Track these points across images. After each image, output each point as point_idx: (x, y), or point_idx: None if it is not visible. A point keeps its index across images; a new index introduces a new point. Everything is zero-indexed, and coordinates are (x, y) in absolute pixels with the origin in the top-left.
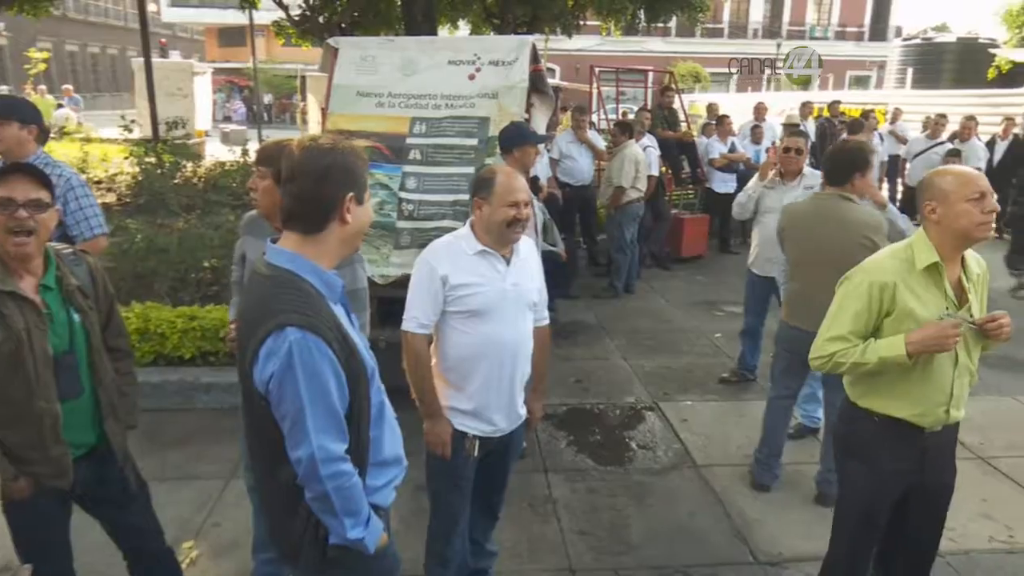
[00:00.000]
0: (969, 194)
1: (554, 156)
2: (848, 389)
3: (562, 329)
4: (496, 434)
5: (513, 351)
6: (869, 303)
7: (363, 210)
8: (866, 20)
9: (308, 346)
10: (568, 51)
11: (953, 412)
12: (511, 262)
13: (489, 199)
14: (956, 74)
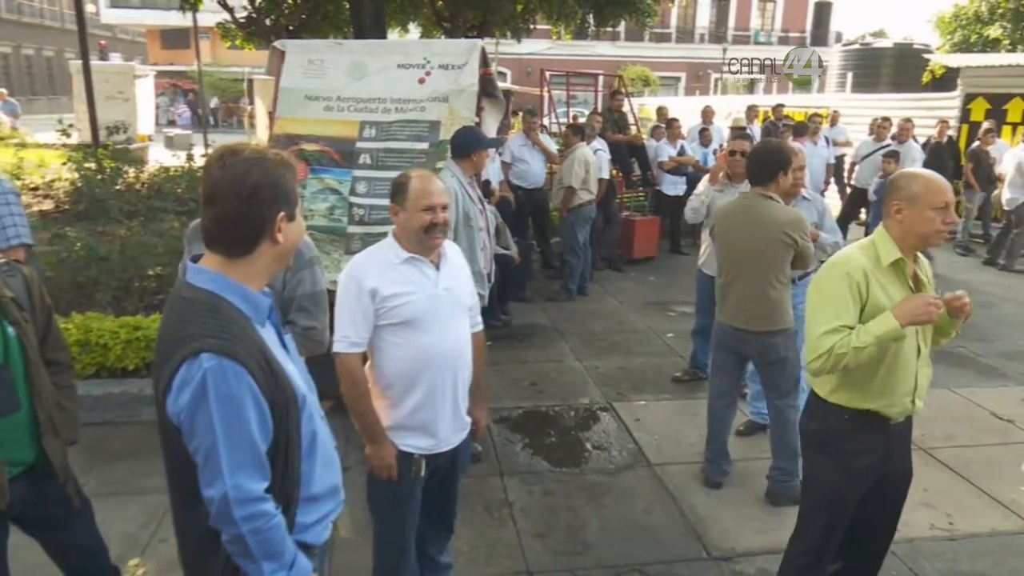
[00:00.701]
0: (936, 203)
1: (506, 159)
2: (817, 386)
3: (516, 332)
4: (443, 447)
5: (454, 358)
6: (851, 291)
7: (295, 226)
8: (808, 25)
9: (224, 374)
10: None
11: (918, 402)
12: (441, 267)
13: (404, 205)
14: (893, 78)
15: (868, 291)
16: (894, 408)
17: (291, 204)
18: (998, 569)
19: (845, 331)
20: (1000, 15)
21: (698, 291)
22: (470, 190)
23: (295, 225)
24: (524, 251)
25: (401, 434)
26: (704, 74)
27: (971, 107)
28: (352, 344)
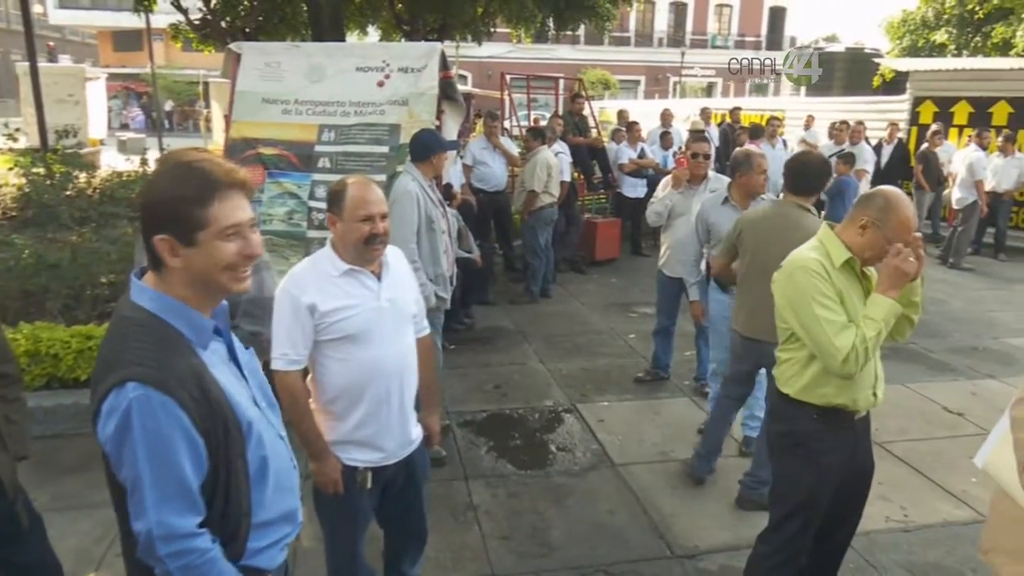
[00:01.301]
0: (901, 238)
1: (467, 163)
2: (784, 387)
3: (479, 335)
4: (391, 460)
5: (399, 371)
6: (821, 285)
7: (200, 252)
8: (763, 30)
9: (151, 406)
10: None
11: (879, 393)
12: (382, 277)
13: (340, 214)
14: (846, 82)
15: (832, 284)
16: (859, 402)
17: (181, 229)
18: (951, 558)
19: (848, 326)
20: (946, 21)
21: (659, 292)
22: (431, 193)
23: (199, 250)
24: (486, 254)
25: (346, 448)
26: (663, 77)
27: (920, 110)
28: (291, 362)
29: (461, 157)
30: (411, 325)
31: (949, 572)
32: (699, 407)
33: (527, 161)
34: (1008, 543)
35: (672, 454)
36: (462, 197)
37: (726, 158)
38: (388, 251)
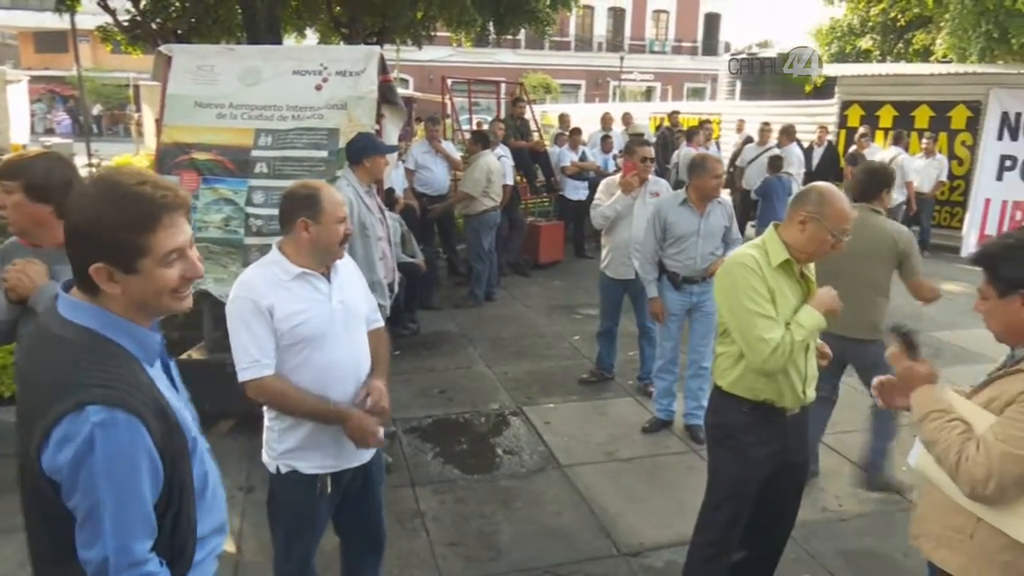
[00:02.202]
0: (839, 228)
1: (409, 167)
2: (718, 380)
3: (424, 340)
4: (351, 463)
5: (355, 372)
6: (756, 283)
7: (141, 278)
8: (699, 36)
9: (117, 429)
10: (420, 62)
11: (808, 391)
12: (332, 279)
13: (318, 218)
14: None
15: (767, 283)
16: (787, 398)
17: (117, 255)
18: (883, 545)
19: (778, 323)
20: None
21: (602, 295)
22: (367, 199)
23: (141, 278)
24: (430, 258)
25: (304, 455)
26: (603, 81)
27: (848, 113)
28: (264, 367)
29: (403, 161)
30: (363, 325)
31: (882, 558)
32: (643, 406)
33: (469, 165)
34: (934, 529)
35: (617, 454)
36: (404, 202)
37: (665, 161)
38: None
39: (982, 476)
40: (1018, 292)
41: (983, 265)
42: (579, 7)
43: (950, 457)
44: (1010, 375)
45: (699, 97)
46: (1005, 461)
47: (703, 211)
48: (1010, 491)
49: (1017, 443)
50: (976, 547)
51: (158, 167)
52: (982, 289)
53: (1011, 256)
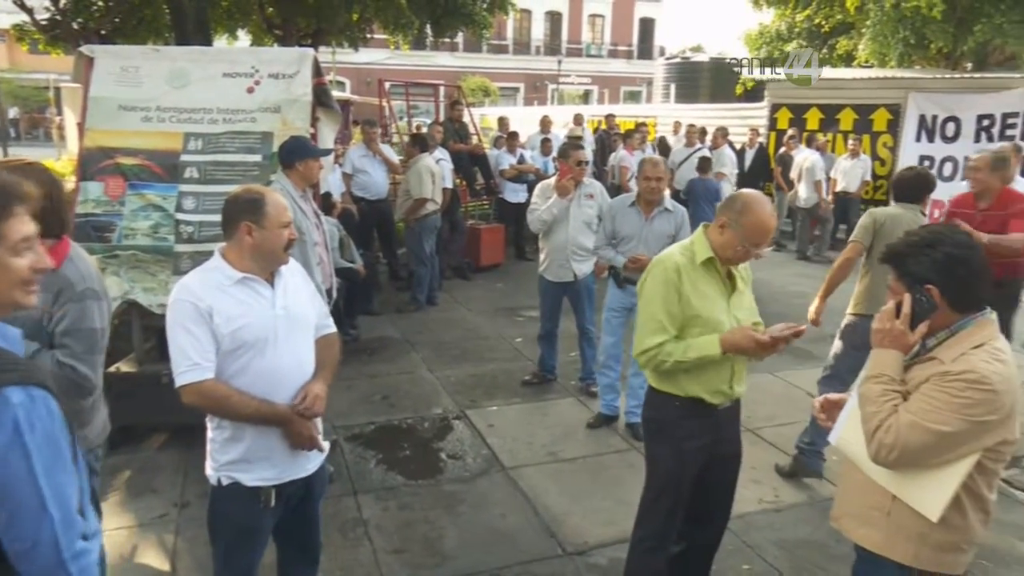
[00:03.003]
0: (754, 240)
1: (347, 171)
2: (651, 377)
3: (366, 346)
4: (294, 475)
5: (298, 379)
6: (667, 289)
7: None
8: (634, 40)
9: (37, 408)
10: (357, 64)
11: (736, 388)
12: (276, 284)
13: (263, 223)
14: (711, 90)
15: (682, 287)
16: (716, 396)
17: None
18: (818, 533)
19: (666, 331)
20: (797, 33)
21: (541, 297)
22: (302, 203)
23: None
24: (369, 263)
25: (247, 467)
26: (541, 85)
27: (777, 116)
28: (203, 370)
29: (340, 165)
30: (308, 333)
31: (816, 545)
32: (585, 406)
33: (409, 169)
34: (854, 508)
35: (561, 454)
36: (342, 206)
37: (603, 163)
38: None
39: (888, 441)
40: (924, 287)
41: (892, 263)
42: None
43: (874, 420)
44: (924, 362)
45: (635, 100)
46: (910, 430)
47: (649, 215)
48: (910, 460)
49: (924, 415)
50: (893, 523)
51: (81, 172)
52: (892, 285)
53: (917, 253)
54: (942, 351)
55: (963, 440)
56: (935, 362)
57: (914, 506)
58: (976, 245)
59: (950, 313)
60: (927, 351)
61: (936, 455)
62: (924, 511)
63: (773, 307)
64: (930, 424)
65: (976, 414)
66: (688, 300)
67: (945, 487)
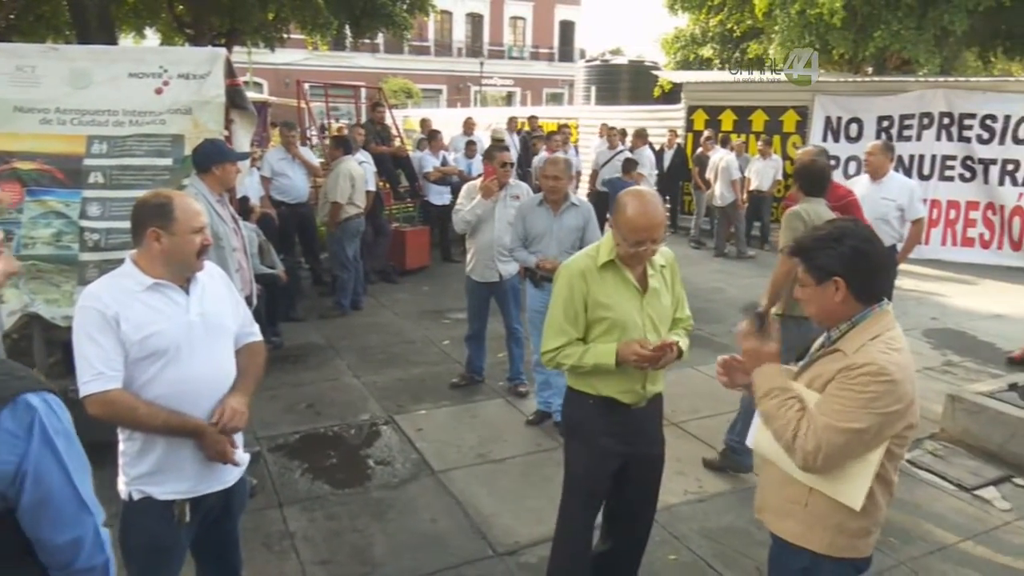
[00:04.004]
0: (633, 239)
1: (265, 174)
2: (567, 376)
3: (289, 353)
4: (210, 488)
5: (216, 389)
6: (571, 293)
7: None
8: (555, 42)
9: (54, 410)
10: (275, 65)
11: (650, 387)
12: (191, 291)
13: (170, 228)
14: (630, 92)
15: (588, 290)
16: (629, 395)
17: None
18: (740, 520)
19: (566, 333)
20: (711, 38)
21: (468, 298)
22: (219, 208)
23: None
24: (291, 269)
25: (159, 479)
26: (464, 86)
27: (693, 117)
28: (108, 380)
29: (258, 168)
30: (228, 341)
31: (738, 532)
32: (514, 407)
33: (330, 172)
34: (774, 502)
35: (490, 455)
36: (261, 211)
37: (527, 164)
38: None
39: (810, 448)
40: (832, 279)
41: (799, 256)
42: (437, 12)
43: (787, 433)
44: (828, 355)
45: (557, 102)
46: (828, 433)
47: (557, 211)
48: (836, 460)
49: (837, 416)
50: (810, 514)
51: None
52: (801, 278)
53: (823, 247)
54: (845, 343)
55: (876, 433)
56: (839, 354)
57: (836, 498)
58: (878, 239)
59: (854, 304)
60: (831, 343)
61: (855, 452)
62: (847, 501)
63: (695, 303)
64: (844, 424)
65: (882, 406)
66: (596, 301)
67: (863, 477)
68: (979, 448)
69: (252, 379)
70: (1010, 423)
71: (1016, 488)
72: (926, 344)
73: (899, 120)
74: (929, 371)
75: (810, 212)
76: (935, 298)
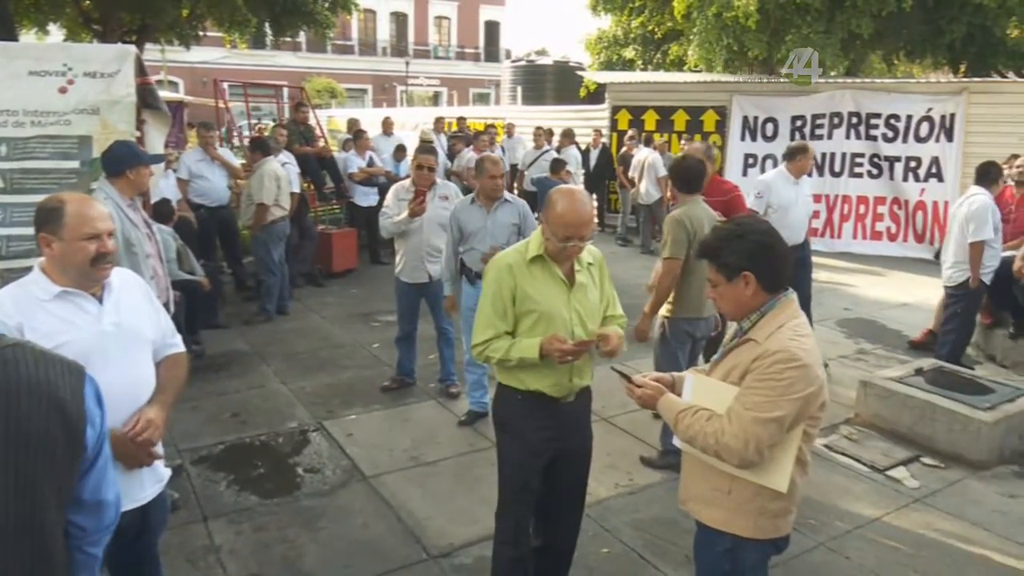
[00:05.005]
0: (562, 235)
1: (182, 176)
2: (497, 371)
3: (212, 362)
4: (128, 506)
5: (132, 401)
6: (499, 287)
7: None
8: (480, 42)
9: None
10: (191, 63)
11: (577, 380)
12: (104, 299)
13: (59, 234)
14: (556, 92)
15: (516, 283)
16: (557, 388)
17: None
18: (670, 510)
19: (495, 327)
20: (632, 39)
21: (398, 300)
22: (130, 213)
23: None
24: (213, 274)
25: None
26: (390, 86)
27: (617, 117)
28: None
29: (174, 171)
30: (146, 352)
31: (669, 522)
32: (446, 408)
33: (252, 173)
34: (698, 491)
35: (423, 458)
36: (179, 214)
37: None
38: (114, 272)
39: (740, 446)
40: (741, 274)
41: (708, 256)
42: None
43: (709, 443)
44: (741, 345)
45: (484, 102)
46: (755, 426)
47: (490, 208)
48: (765, 451)
49: (760, 407)
50: (734, 501)
51: None
52: (711, 277)
53: (729, 245)
54: (756, 332)
55: (796, 416)
56: (751, 343)
57: (761, 483)
58: (776, 232)
59: (762, 295)
60: (743, 334)
61: (778, 437)
62: (773, 486)
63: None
64: (767, 414)
65: (798, 391)
66: (525, 294)
67: (785, 459)
68: (890, 431)
69: (171, 391)
70: (917, 406)
71: (924, 467)
72: (840, 333)
73: (811, 120)
74: (844, 359)
75: (691, 218)
76: (848, 289)
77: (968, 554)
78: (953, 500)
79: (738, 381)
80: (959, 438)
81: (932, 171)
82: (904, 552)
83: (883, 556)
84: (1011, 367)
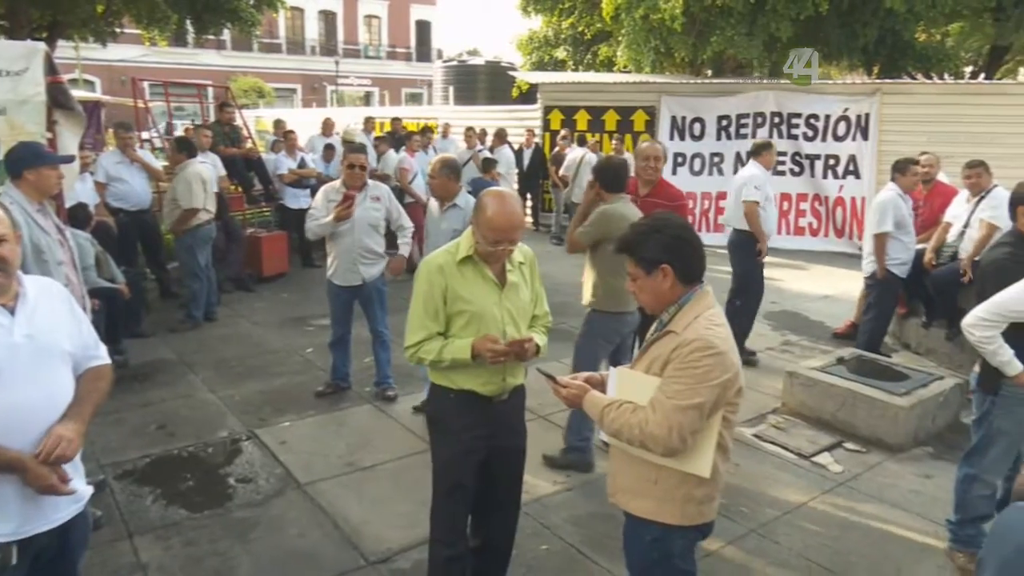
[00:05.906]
0: (489, 236)
1: (100, 179)
2: (429, 371)
3: (135, 372)
4: (38, 529)
5: (47, 416)
6: (430, 288)
7: None
8: (412, 42)
9: None
10: (109, 62)
11: (510, 379)
12: (16, 310)
13: None
14: (488, 92)
15: (447, 284)
16: (489, 387)
17: None
18: (608, 506)
19: (426, 328)
20: (563, 40)
21: (331, 303)
22: (39, 218)
23: None
24: (135, 281)
25: None
26: (320, 86)
27: (550, 117)
28: None
29: (91, 173)
30: (63, 365)
31: (605, 516)
32: (382, 411)
33: (176, 176)
34: (626, 483)
35: (359, 463)
36: (97, 218)
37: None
38: (29, 282)
39: (664, 433)
40: (659, 267)
41: (627, 251)
42: (287, 8)
43: (634, 433)
44: (663, 337)
45: (417, 102)
46: (677, 414)
47: (442, 211)
48: (688, 438)
49: (680, 395)
50: (661, 490)
51: None
52: (631, 272)
53: (647, 240)
54: (675, 324)
55: (715, 402)
56: (671, 335)
57: (685, 470)
58: (691, 226)
59: (679, 288)
60: (664, 327)
61: (698, 424)
62: (696, 472)
63: (556, 297)
64: (688, 401)
65: (715, 377)
66: (456, 294)
67: (707, 445)
68: (815, 418)
69: (89, 404)
70: (839, 394)
71: (846, 452)
72: (767, 325)
73: (736, 119)
74: (771, 350)
75: (617, 213)
76: (773, 283)
77: (888, 533)
78: (874, 483)
79: (660, 372)
80: (878, 423)
81: (850, 168)
82: (829, 535)
83: (809, 539)
84: (924, 354)
